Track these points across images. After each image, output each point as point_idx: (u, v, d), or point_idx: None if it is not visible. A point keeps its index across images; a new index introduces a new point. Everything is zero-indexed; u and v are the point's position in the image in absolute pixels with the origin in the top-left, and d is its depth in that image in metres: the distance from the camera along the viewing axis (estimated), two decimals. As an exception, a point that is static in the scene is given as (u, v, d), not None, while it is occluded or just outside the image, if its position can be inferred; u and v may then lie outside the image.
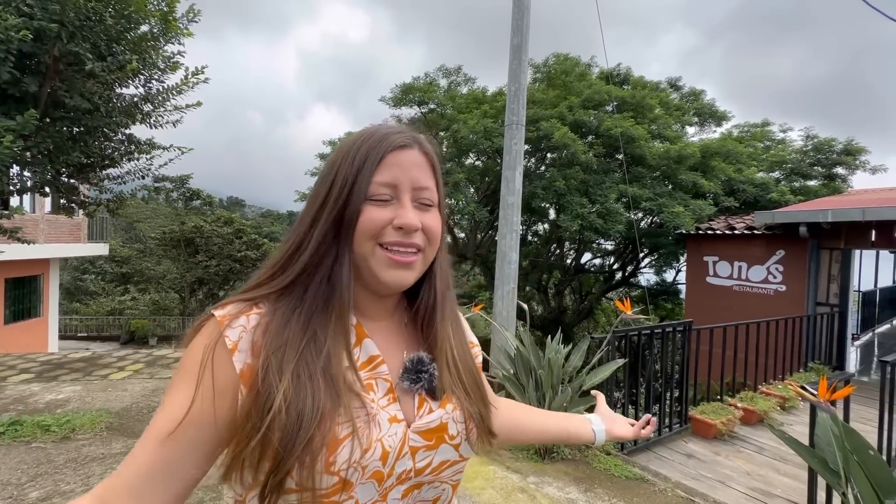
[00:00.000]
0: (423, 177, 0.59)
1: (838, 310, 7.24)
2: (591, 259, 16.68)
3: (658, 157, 9.42)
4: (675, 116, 11.28)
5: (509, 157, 5.18)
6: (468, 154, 10.90)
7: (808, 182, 11.05)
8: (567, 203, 9.06)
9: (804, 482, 3.53)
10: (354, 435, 0.50)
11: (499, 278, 5.19)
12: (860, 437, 1.86)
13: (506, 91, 11.09)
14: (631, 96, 10.16)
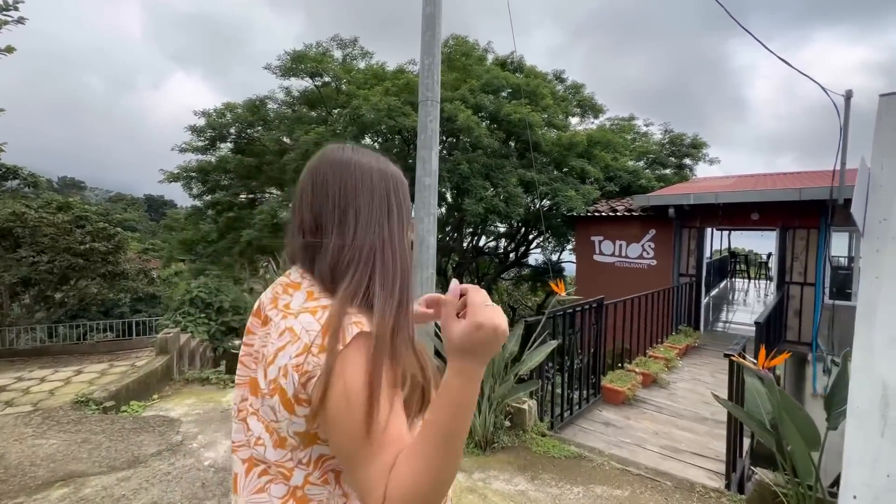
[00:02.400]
0: None
1: (695, 279, 8.53)
2: (488, 242, 17.40)
3: (551, 144, 9.96)
4: (562, 107, 12.07)
5: (424, 136, 4.88)
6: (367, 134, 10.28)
7: (665, 170, 12.82)
8: (471, 187, 9.11)
9: (700, 434, 4.01)
10: None
11: (416, 264, 4.92)
12: (790, 398, 2.04)
13: (407, 69, 10.70)
14: (525, 84, 10.53)
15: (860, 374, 1.75)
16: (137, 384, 3.96)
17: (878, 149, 1.70)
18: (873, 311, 1.72)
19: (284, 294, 0.66)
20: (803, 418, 1.95)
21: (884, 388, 1.69)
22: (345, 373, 0.56)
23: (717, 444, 3.70)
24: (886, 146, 1.68)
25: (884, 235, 1.68)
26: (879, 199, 1.67)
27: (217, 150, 10.53)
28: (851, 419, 1.73)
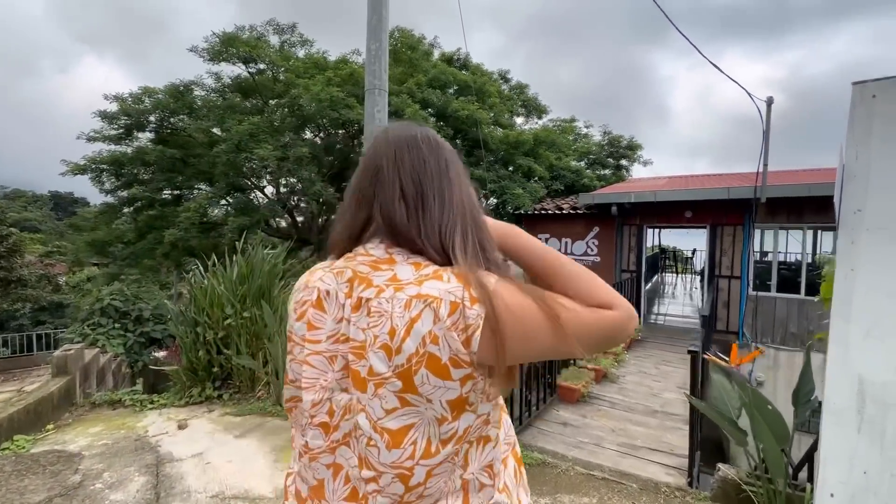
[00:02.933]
0: None
1: (636, 274, 8.89)
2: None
3: (498, 142, 9.95)
4: (508, 106, 12.16)
5: (372, 128, 4.56)
6: (308, 127, 9.68)
7: (604, 171, 13.35)
8: (419, 184, 8.86)
9: (654, 428, 4.05)
10: None
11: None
12: (760, 395, 2.00)
13: (351, 59, 10.21)
14: (472, 81, 10.45)
15: (836, 370, 1.69)
16: (25, 414, 3.29)
17: (852, 139, 1.65)
18: (849, 303, 1.66)
19: (377, 271, 0.62)
20: (773, 415, 1.91)
21: (860, 382, 1.64)
22: (507, 303, 0.58)
23: (670, 438, 3.75)
24: (860, 136, 1.63)
25: (858, 226, 1.63)
26: (853, 190, 1.62)
27: (133, 140, 9.38)
28: (828, 416, 1.67)
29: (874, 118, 1.66)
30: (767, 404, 1.94)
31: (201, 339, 3.96)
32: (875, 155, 1.64)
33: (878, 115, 1.65)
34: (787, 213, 7.64)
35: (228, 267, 4.28)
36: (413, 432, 0.57)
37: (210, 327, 4.00)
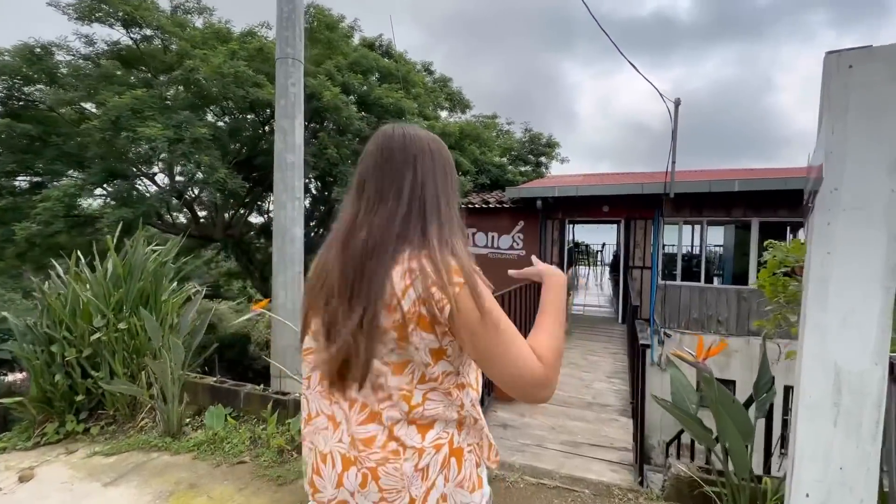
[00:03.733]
0: None
1: (559, 267, 9.14)
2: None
3: (424, 133, 9.63)
4: (432, 98, 11.88)
5: (285, 102, 3.96)
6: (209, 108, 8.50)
7: (525, 167, 13.69)
8: (340, 175, 8.21)
9: (591, 422, 4.00)
10: None
11: (279, 261, 3.98)
12: (726, 391, 1.88)
13: (259, 32, 9.16)
14: (396, 69, 9.99)
15: (812, 361, 1.56)
16: None
17: (827, 112, 1.53)
18: (825, 290, 1.53)
19: None
20: (738, 411, 1.80)
21: (836, 372, 1.52)
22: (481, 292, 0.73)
23: (608, 430, 3.71)
24: (835, 110, 1.50)
25: (835, 207, 1.51)
26: (830, 167, 1.50)
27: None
28: (803, 410, 1.54)
29: (851, 90, 1.53)
30: (732, 399, 1.83)
31: (58, 359, 3.10)
32: (852, 129, 1.51)
33: (855, 86, 1.52)
34: (690, 209, 8.32)
35: (99, 267, 3.41)
36: (411, 366, 0.74)
37: (71, 344, 3.14)
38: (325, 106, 7.67)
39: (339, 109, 7.66)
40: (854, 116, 1.47)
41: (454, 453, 0.77)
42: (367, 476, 0.73)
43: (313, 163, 7.86)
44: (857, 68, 1.49)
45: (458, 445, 0.78)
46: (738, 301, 8.11)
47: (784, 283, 2.39)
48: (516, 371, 0.69)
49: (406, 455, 0.74)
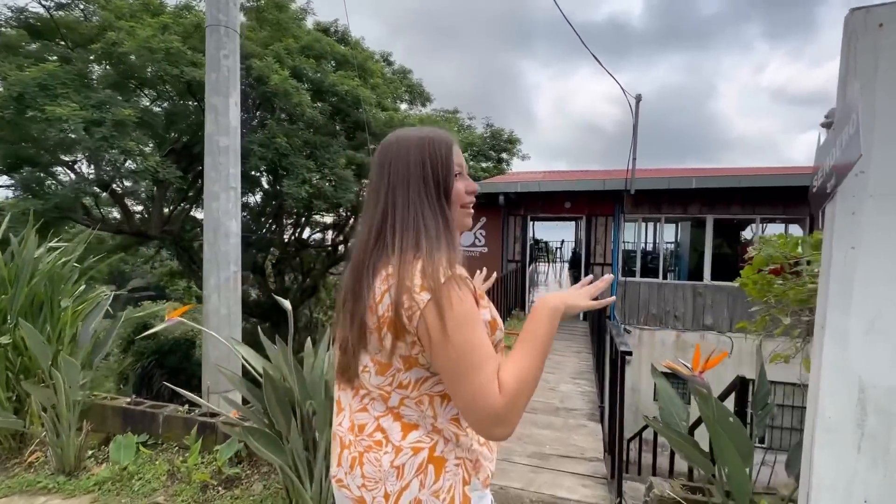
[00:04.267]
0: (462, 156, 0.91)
1: (521, 263, 8.99)
2: (313, 234, 15.74)
3: (382, 124, 9.16)
4: (391, 89, 11.41)
5: (217, 77, 3.44)
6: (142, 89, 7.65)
7: (487, 163, 13.51)
8: (291, 166, 7.62)
9: (559, 429, 3.77)
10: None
11: (210, 260, 3.46)
12: (722, 407, 1.64)
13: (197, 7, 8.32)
14: (352, 56, 9.45)
15: (833, 374, 1.32)
16: None
17: (850, 80, 1.28)
18: (849, 291, 1.29)
19: None
20: (737, 430, 1.57)
21: (861, 388, 1.29)
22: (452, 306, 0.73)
23: (577, 439, 3.49)
24: (861, 76, 1.26)
25: (860, 192, 1.26)
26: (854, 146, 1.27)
27: None
28: (821, 433, 1.30)
29: (881, 52, 1.27)
30: (730, 416, 1.59)
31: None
32: (882, 100, 1.26)
33: (885, 48, 1.27)
34: (649, 206, 8.39)
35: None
36: (392, 369, 0.78)
37: (-65, 365, 2.52)
38: (273, 91, 7.06)
39: (290, 95, 7.08)
40: (885, 83, 1.21)
41: (433, 461, 0.78)
42: (355, 461, 0.80)
43: (260, 153, 7.23)
44: (888, 27, 1.23)
45: (441, 455, 0.79)
46: (693, 297, 8.27)
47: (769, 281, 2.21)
48: (471, 400, 0.70)
49: (386, 449, 0.78)
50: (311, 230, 15.44)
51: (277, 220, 12.59)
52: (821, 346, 1.26)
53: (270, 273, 14.82)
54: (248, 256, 11.92)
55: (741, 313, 7.98)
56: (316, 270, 15.69)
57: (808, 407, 1.30)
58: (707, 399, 1.55)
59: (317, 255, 16.12)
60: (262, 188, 11.42)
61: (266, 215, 12.17)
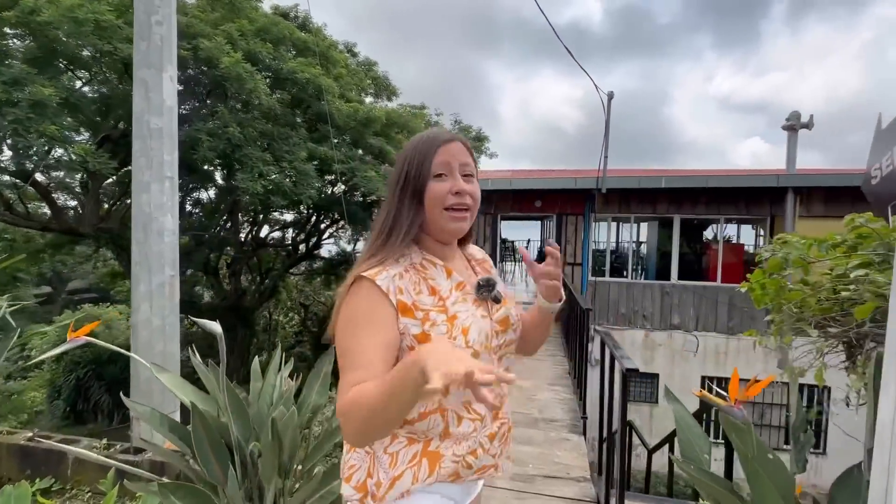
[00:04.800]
0: (465, 158, 0.89)
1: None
2: (272, 232, 14.93)
3: (346, 117, 8.65)
4: (356, 80, 10.88)
5: (148, 47, 2.92)
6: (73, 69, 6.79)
7: (455, 161, 13.19)
8: (245, 159, 7.01)
9: (540, 444, 3.48)
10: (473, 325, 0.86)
11: (140, 262, 2.94)
12: (762, 444, 1.38)
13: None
14: (314, 43, 8.87)
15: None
16: None
17: None
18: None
19: None
20: (778, 469, 1.31)
21: None
22: (341, 307, 0.82)
23: (560, 455, 3.23)
24: None
25: None
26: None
27: None
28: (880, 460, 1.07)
29: None
30: (768, 453, 1.33)
31: None
32: None
33: None
34: (619, 205, 8.35)
35: None
36: None
37: None
38: (224, 75, 6.43)
39: (243, 80, 6.47)
40: None
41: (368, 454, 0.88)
42: None
43: (210, 143, 6.57)
44: None
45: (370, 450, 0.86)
46: (661, 296, 8.31)
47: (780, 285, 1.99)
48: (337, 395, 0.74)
49: None
50: (269, 228, 14.62)
51: (232, 217, 11.76)
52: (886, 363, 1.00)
53: (225, 274, 13.90)
54: (200, 256, 11.06)
55: (707, 312, 8.08)
56: (276, 270, 14.88)
57: (878, 448, 1.04)
58: (746, 435, 1.28)
59: (276, 254, 15.31)
60: (214, 183, 10.60)
61: (220, 212, 11.33)
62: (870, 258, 1.67)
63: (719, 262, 8.11)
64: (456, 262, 0.97)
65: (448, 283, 0.91)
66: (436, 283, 0.88)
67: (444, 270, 0.91)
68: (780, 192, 7.25)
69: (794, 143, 7.26)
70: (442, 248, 0.93)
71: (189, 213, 11.60)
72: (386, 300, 0.79)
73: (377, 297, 0.79)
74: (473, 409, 0.88)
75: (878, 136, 1.19)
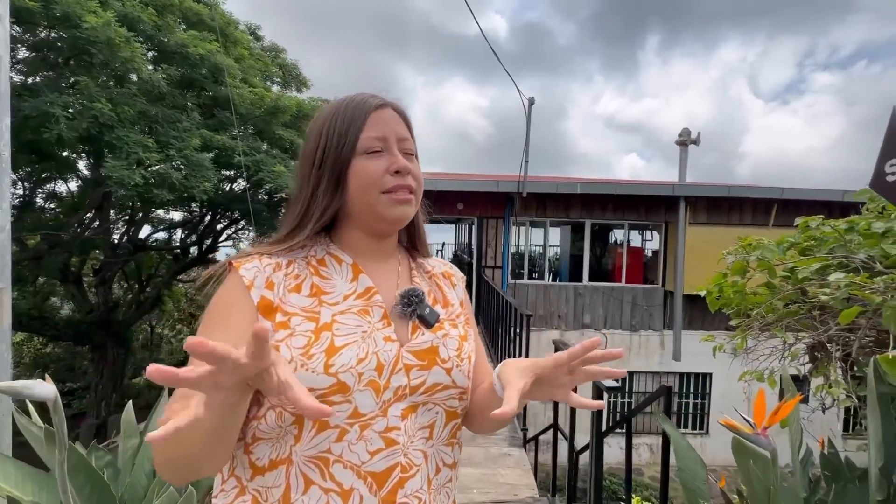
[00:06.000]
0: (402, 130, 0.71)
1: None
2: (155, 232, 12.90)
3: (250, 104, 7.70)
4: (261, 65, 9.83)
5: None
6: None
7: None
8: (119, 141, 5.81)
9: (481, 463, 3.21)
10: (352, 345, 0.61)
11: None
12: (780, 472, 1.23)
13: None
14: (210, 17, 7.77)
15: None
16: None
17: None
18: None
19: None
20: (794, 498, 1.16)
21: None
22: None
23: (505, 474, 3.01)
24: None
25: None
26: None
27: None
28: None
29: None
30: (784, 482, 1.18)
31: None
32: None
33: None
34: (536, 210, 8.60)
35: None
36: None
37: None
38: (89, 38, 5.22)
39: (116, 47, 5.31)
40: None
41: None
42: None
43: (69, 121, 5.30)
44: None
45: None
46: (574, 297, 8.72)
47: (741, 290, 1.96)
48: None
49: None
50: (152, 228, 12.60)
51: (101, 215, 9.84)
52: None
53: (92, 282, 11.66)
54: (55, 261, 9.09)
55: (613, 311, 8.65)
56: (159, 277, 12.89)
57: None
58: (767, 465, 1.12)
59: (160, 258, 13.28)
60: (76, 172, 8.80)
61: (84, 208, 9.40)
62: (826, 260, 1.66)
63: (623, 264, 8.74)
64: (383, 264, 0.74)
65: (346, 286, 0.68)
66: (325, 283, 0.67)
67: (351, 269, 0.70)
68: (674, 201, 8.04)
69: (685, 156, 8.12)
70: (368, 243, 0.73)
71: (41, 208, 9.52)
72: (246, 295, 0.63)
73: (238, 290, 0.64)
74: (331, 473, 0.59)
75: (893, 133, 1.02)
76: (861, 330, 1.62)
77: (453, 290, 0.81)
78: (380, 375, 0.62)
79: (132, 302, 12.34)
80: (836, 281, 1.50)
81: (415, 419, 0.65)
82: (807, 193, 8.06)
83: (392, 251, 0.77)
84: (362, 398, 0.60)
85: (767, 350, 2.04)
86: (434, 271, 0.81)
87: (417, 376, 0.65)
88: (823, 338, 1.65)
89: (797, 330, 1.73)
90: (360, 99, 0.70)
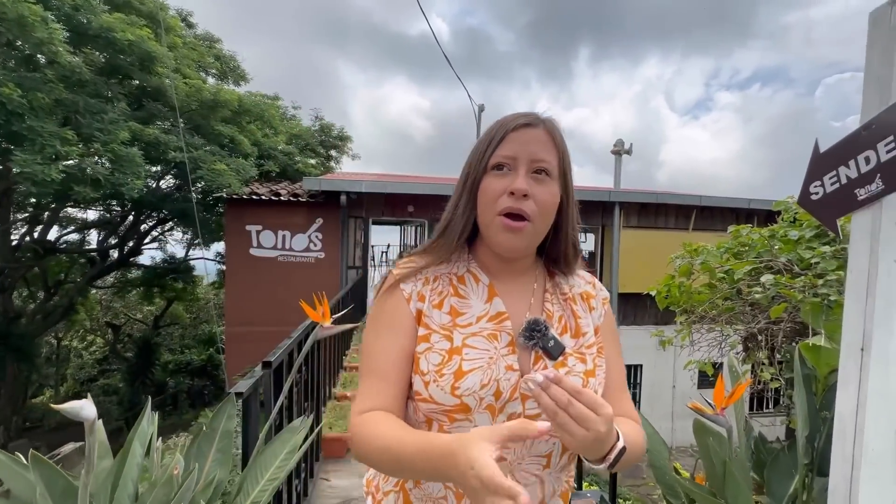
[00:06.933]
0: (541, 151, 0.68)
1: (363, 270, 8.31)
2: (64, 234, 11.57)
3: (187, 96, 7.20)
4: (195, 56, 9.21)
5: None
6: None
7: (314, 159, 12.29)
8: (30, 132, 5.18)
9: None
10: (477, 371, 0.64)
11: None
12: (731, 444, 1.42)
13: None
14: (139, 1, 7.18)
15: (877, 401, 1.18)
16: None
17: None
18: (891, 308, 1.17)
19: None
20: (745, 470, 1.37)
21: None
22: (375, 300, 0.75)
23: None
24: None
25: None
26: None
27: None
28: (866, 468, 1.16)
29: None
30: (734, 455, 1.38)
31: None
32: None
33: None
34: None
35: None
36: None
37: None
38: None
39: (29, 26, 4.73)
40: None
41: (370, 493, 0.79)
42: None
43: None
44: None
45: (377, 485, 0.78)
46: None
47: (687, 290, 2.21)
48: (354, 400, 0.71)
49: None
50: (60, 228, 11.28)
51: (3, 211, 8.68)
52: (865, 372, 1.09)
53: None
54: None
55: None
56: (70, 284, 11.59)
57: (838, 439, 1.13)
58: (724, 441, 1.30)
59: (71, 262, 11.96)
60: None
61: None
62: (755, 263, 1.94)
63: (565, 265, 9.22)
64: (518, 284, 0.74)
65: (480, 307, 0.70)
66: (462, 303, 0.70)
67: (487, 290, 0.72)
68: (610, 206, 8.64)
69: (619, 165, 8.75)
70: (499, 262, 0.73)
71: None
72: (406, 306, 0.70)
73: (399, 300, 0.70)
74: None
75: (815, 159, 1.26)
76: (783, 322, 1.88)
77: (589, 315, 0.76)
78: (496, 400, 0.64)
79: (37, 311, 10.98)
80: (765, 281, 1.76)
81: (531, 444, 0.66)
82: (719, 201, 9.05)
83: (527, 269, 0.76)
84: (481, 419, 0.64)
85: (705, 343, 2.28)
86: (572, 293, 0.76)
87: (533, 406, 0.65)
88: (755, 330, 1.91)
89: (733, 323, 1.99)
90: (510, 118, 0.71)
